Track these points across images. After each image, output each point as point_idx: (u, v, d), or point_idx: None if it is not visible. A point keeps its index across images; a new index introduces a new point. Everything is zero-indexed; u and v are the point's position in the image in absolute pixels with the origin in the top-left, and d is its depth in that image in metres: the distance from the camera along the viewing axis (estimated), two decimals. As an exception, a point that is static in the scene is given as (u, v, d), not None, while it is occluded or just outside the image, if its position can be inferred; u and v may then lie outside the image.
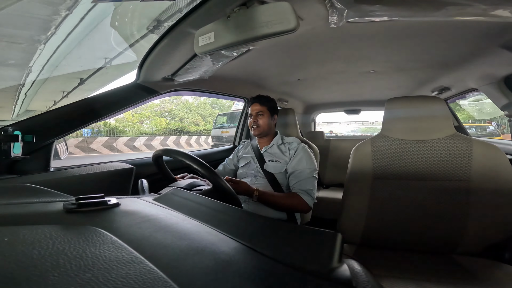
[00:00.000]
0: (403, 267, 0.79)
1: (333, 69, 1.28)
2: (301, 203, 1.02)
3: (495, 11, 0.42)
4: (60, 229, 0.27)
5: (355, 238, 0.95)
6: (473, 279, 0.70)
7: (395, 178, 0.91)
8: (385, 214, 0.91)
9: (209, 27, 0.55)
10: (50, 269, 0.20)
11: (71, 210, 0.34)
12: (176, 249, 0.26)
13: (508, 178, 0.79)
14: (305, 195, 1.02)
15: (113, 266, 0.21)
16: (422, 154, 0.90)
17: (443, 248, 0.86)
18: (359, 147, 0.99)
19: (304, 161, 1.09)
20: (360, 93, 1.94)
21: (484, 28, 0.75)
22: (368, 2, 0.50)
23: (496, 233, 0.80)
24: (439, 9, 0.46)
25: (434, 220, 0.85)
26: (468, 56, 1.02)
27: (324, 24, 0.66)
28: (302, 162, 1.09)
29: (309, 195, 1.03)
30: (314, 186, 1.06)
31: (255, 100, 1.21)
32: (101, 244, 0.25)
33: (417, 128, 0.93)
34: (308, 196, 1.03)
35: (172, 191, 0.53)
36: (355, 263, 0.27)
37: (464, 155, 0.85)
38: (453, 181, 0.85)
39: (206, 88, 1.38)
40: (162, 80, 0.99)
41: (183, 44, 0.74)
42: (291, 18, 0.44)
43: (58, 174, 0.73)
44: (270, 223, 0.35)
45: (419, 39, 0.87)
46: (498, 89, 1.12)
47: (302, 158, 1.10)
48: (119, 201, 0.40)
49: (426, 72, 1.31)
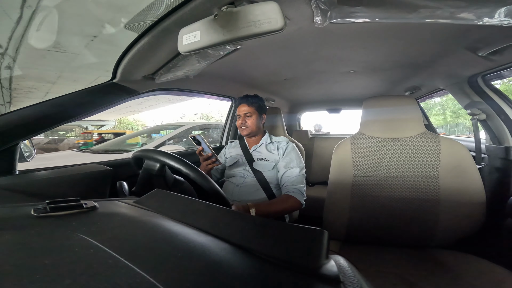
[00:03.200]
0: (385, 261, 0.82)
1: (317, 68, 1.31)
2: (296, 203, 1.03)
3: (461, 14, 0.47)
4: (32, 235, 0.25)
5: (339, 234, 0.98)
6: (446, 271, 0.74)
7: (373, 175, 0.95)
8: (366, 210, 0.94)
9: (194, 25, 0.53)
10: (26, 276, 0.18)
11: (43, 215, 0.31)
12: (162, 252, 0.25)
13: (472, 174, 0.85)
14: (297, 194, 1.03)
15: (95, 272, 0.19)
16: (397, 152, 0.95)
17: (420, 242, 0.91)
18: (340, 146, 1.02)
19: (294, 160, 1.11)
20: (341, 92, 2.01)
21: (452, 30, 0.80)
22: (350, 4, 0.52)
23: (465, 227, 0.85)
24: (413, 11, 0.49)
25: (410, 216, 0.90)
26: (436, 57, 1.08)
27: (310, 25, 0.68)
28: (293, 161, 1.11)
29: (301, 193, 1.05)
30: (304, 183, 1.08)
31: (242, 101, 1.19)
32: (80, 249, 0.23)
33: (391, 126, 0.98)
34: (301, 194, 1.04)
35: (154, 193, 0.50)
36: (341, 259, 0.28)
37: (433, 153, 0.90)
38: (424, 178, 0.90)
39: (191, 88, 1.34)
40: (142, 79, 0.94)
41: (166, 42, 0.71)
42: (278, 18, 0.44)
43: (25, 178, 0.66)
44: (258, 222, 0.35)
45: (394, 40, 0.92)
46: (462, 89, 1.20)
47: (292, 158, 1.12)
48: (96, 204, 0.37)
49: (400, 72, 1.38)
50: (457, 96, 1.28)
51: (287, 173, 1.08)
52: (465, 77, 1.15)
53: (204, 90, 1.47)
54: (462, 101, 1.25)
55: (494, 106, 1.09)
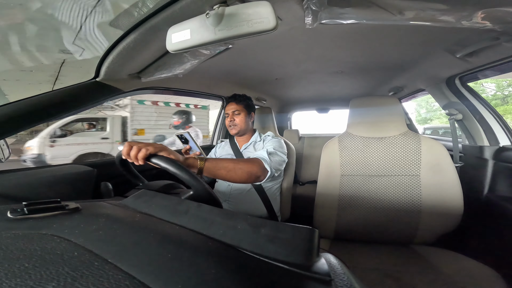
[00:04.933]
0: (372, 258, 0.85)
1: (307, 68, 1.33)
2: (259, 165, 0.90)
3: (442, 16, 0.49)
4: (9, 238, 0.23)
5: (329, 232, 1.00)
6: (428, 267, 0.78)
7: (359, 174, 0.97)
8: (353, 209, 0.96)
9: (185, 23, 0.52)
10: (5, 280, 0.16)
11: (20, 217, 0.29)
12: (151, 253, 0.24)
13: (450, 172, 0.88)
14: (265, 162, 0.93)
15: (81, 274, 0.18)
16: (381, 151, 0.98)
17: (404, 238, 0.94)
18: (328, 145, 1.04)
19: (271, 145, 1.07)
20: (329, 92, 2.05)
21: (432, 32, 0.84)
22: (339, 5, 0.53)
23: (444, 223, 0.89)
24: (398, 13, 0.51)
25: (394, 213, 0.93)
26: (417, 58, 1.13)
27: (301, 25, 0.69)
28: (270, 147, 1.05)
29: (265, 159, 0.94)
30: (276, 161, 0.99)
31: (231, 100, 1.20)
32: (63, 251, 0.21)
33: (376, 126, 1.01)
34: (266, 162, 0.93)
35: (140, 193, 0.49)
36: (331, 256, 0.28)
37: (414, 152, 0.93)
38: (406, 177, 0.93)
39: (179, 87, 1.31)
40: (127, 77, 0.91)
41: (154, 40, 0.69)
42: (271, 18, 0.44)
43: (0, 179, 0.62)
44: (250, 221, 0.35)
45: (379, 41, 0.95)
46: (440, 90, 1.26)
47: (271, 143, 1.09)
48: (79, 205, 0.35)
49: (384, 72, 1.43)
50: (436, 96, 1.34)
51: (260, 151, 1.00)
52: (444, 78, 1.21)
53: (193, 90, 1.44)
54: (440, 101, 1.31)
55: (470, 107, 1.15)
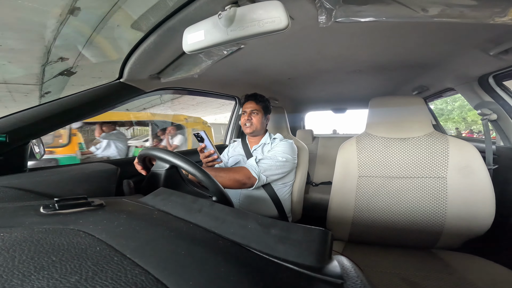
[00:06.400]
0: (389, 262, 0.81)
1: (322, 68, 1.30)
2: (244, 174, 0.97)
3: (471, 13, 0.45)
4: (41, 232, 0.25)
5: (343, 235, 0.97)
6: (450, 272, 0.73)
7: (378, 176, 0.94)
8: (371, 211, 0.93)
9: (198, 25, 0.53)
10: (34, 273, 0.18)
11: (51, 213, 0.32)
12: (166, 249, 0.25)
13: (481, 175, 0.83)
14: (252, 169, 0.99)
15: (101, 268, 0.20)
16: (403, 152, 0.93)
17: (425, 243, 0.89)
18: (345, 145, 1.01)
19: (275, 150, 1.09)
20: (346, 92, 1.99)
21: (461, 29, 0.79)
22: (356, 3, 0.51)
23: (472, 228, 0.84)
24: (421, 10, 0.48)
25: (416, 217, 0.88)
26: (445, 56, 1.07)
27: (314, 24, 0.67)
28: (273, 152, 1.09)
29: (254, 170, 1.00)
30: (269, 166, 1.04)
31: (251, 98, 1.19)
32: (87, 246, 0.23)
33: (398, 126, 0.96)
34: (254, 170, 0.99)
35: (159, 191, 0.51)
36: (344, 259, 0.28)
37: (441, 153, 0.88)
38: (431, 179, 0.88)
39: (195, 87, 1.35)
40: (148, 78, 0.96)
41: (171, 41, 0.72)
42: (282, 17, 0.44)
43: (34, 176, 0.68)
44: (261, 220, 0.35)
45: (401, 39, 0.91)
46: (472, 89, 1.18)
47: (275, 149, 1.10)
48: (103, 202, 0.38)
49: (407, 71, 1.36)
50: (467, 96, 1.26)
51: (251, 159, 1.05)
52: (475, 77, 1.13)
53: (207, 90, 1.48)
54: (472, 101, 1.22)
55: (506, 106, 1.06)
